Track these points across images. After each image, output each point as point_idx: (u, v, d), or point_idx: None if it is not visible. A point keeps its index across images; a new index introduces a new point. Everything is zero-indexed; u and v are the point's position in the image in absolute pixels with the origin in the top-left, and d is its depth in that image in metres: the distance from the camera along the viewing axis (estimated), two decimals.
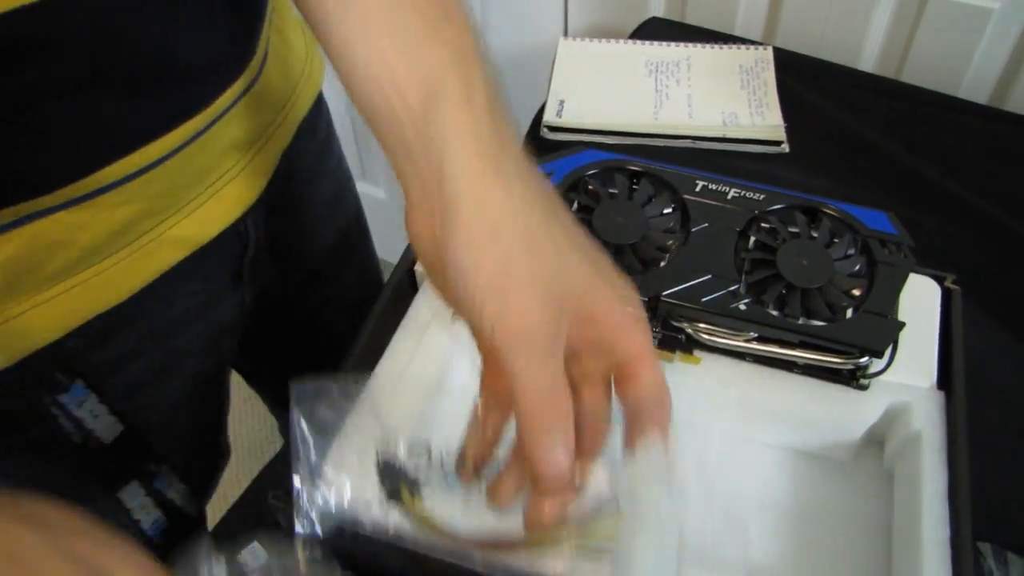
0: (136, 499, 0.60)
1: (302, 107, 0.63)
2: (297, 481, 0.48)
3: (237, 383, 0.89)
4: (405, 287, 0.61)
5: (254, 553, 0.54)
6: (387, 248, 1.77)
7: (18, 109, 0.41)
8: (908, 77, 0.91)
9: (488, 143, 0.39)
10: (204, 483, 0.70)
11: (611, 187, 0.58)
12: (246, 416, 1.49)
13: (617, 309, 0.39)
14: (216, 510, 0.65)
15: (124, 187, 0.48)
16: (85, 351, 0.53)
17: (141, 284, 0.53)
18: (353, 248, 0.77)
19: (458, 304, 0.38)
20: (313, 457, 0.48)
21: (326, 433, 0.49)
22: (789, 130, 0.82)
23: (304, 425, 0.47)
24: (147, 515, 0.61)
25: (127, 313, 0.53)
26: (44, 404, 0.53)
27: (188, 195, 0.53)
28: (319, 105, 0.67)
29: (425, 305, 0.58)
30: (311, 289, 0.74)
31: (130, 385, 0.57)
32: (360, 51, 0.40)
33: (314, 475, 0.48)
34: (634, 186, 0.59)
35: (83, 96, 0.43)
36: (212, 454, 0.72)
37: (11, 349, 0.49)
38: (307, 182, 0.67)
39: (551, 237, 0.39)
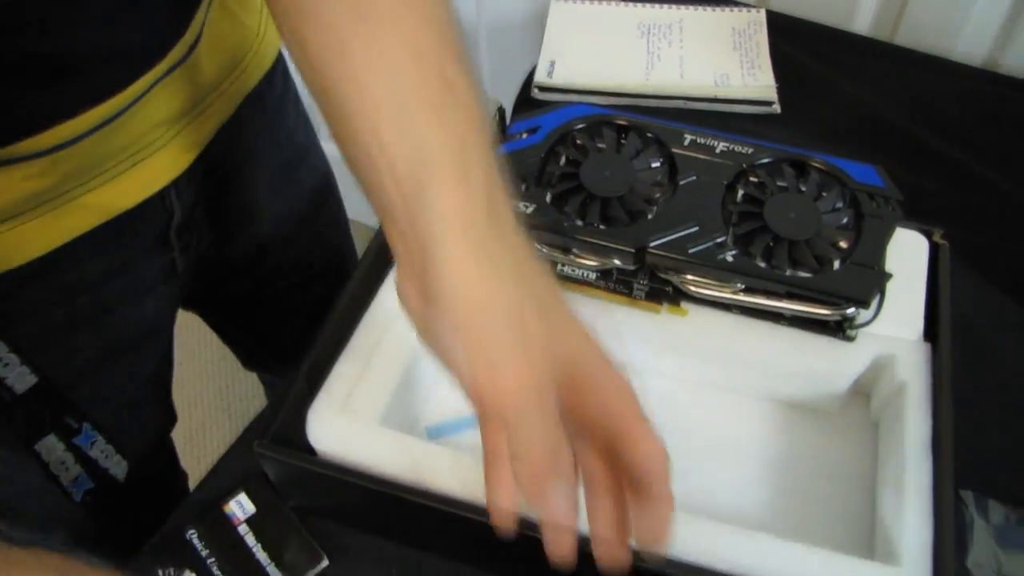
0: (54, 453, 0.58)
1: (246, 82, 0.61)
2: None
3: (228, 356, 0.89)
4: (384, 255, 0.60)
5: (240, 504, 0.54)
6: (363, 211, 1.76)
7: None
8: (902, 40, 0.90)
9: (480, 228, 0.39)
10: (142, 446, 0.67)
11: (599, 141, 0.58)
12: (238, 383, 1.49)
13: (610, 369, 0.41)
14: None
15: (33, 162, 0.46)
16: None
17: (52, 246, 0.52)
18: (310, 218, 0.75)
19: (450, 370, 0.40)
20: None
21: None
22: (781, 93, 0.82)
23: None
24: (67, 471, 0.60)
25: (38, 269, 0.52)
26: None
27: (106, 165, 0.51)
28: (270, 79, 0.65)
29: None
30: (258, 257, 0.72)
31: (42, 335, 0.56)
32: (357, 118, 0.41)
33: None
34: (622, 140, 0.58)
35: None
36: (150, 416, 0.69)
37: None
38: (251, 153, 0.66)
39: (539, 310, 0.39)
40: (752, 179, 0.57)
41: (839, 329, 0.53)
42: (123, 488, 0.62)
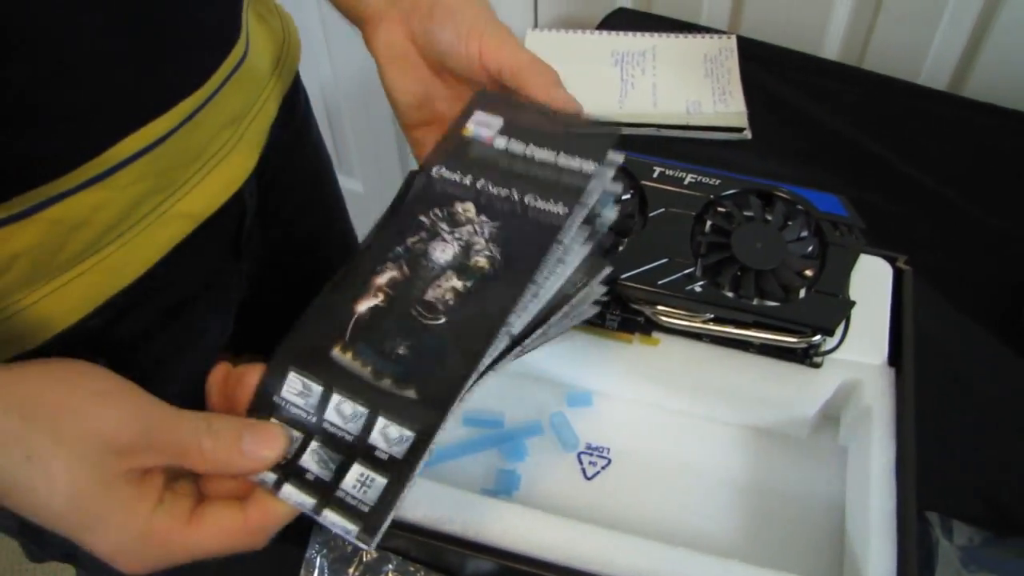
0: None
1: (283, 83, 0.66)
2: None
3: None
4: None
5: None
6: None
7: (33, 89, 0.43)
8: (870, 65, 0.92)
9: None
10: None
11: None
12: None
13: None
14: None
15: (135, 164, 0.49)
16: (105, 330, 0.54)
17: (152, 260, 0.55)
18: (333, 224, 0.80)
19: (447, 56, 0.51)
20: None
21: None
22: (752, 117, 0.83)
23: None
24: None
25: (142, 290, 0.55)
26: None
27: (191, 170, 0.55)
28: (296, 83, 0.70)
29: None
30: (297, 264, 0.75)
31: (151, 363, 0.59)
32: None
33: None
34: None
35: (93, 74, 0.45)
36: None
37: (34, 334, 0.51)
38: (291, 156, 0.70)
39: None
40: (719, 209, 0.58)
41: (806, 356, 0.55)
42: None
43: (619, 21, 0.99)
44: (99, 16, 0.44)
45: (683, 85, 0.87)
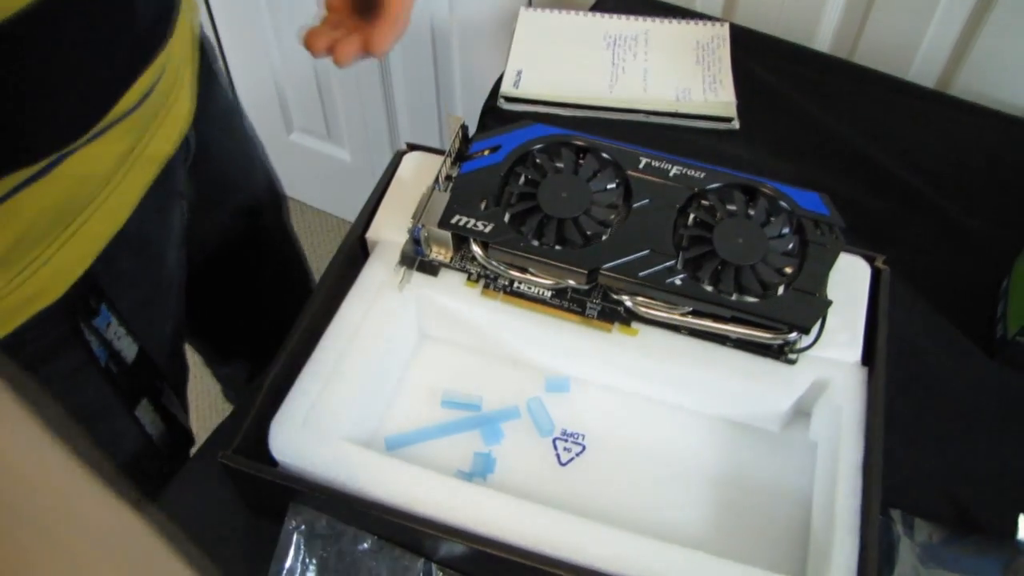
0: (147, 415, 0.66)
1: (195, 22, 0.68)
2: None
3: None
4: (356, 253, 0.62)
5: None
6: (352, 209, 1.78)
7: (55, 67, 0.47)
8: (860, 59, 0.93)
9: None
10: (182, 395, 0.76)
11: (557, 161, 0.60)
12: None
13: None
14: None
15: (130, 116, 0.54)
16: (103, 275, 0.57)
17: (134, 204, 0.58)
18: (253, 160, 0.82)
19: None
20: None
21: None
22: (741, 107, 0.84)
23: None
24: (156, 429, 0.68)
25: (129, 233, 0.58)
26: (79, 331, 0.57)
27: (160, 115, 0.58)
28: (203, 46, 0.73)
29: (376, 271, 0.60)
30: (226, 201, 0.78)
31: (140, 304, 0.63)
32: None
33: None
34: (580, 161, 0.60)
35: (99, 52, 0.50)
36: (182, 368, 0.77)
37: (58, 283, 0.54)
38: (209, 93, 0.72)
39: None
40: (703, 203, 0.59)
41: (781, 352, 0.56)
42: (185, 434, 0.74)
43: (613, 3, 0.98)
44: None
45: (674, 71, 0.88)
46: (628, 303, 0.57)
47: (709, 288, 0.55)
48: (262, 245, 0.86)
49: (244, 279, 0.85)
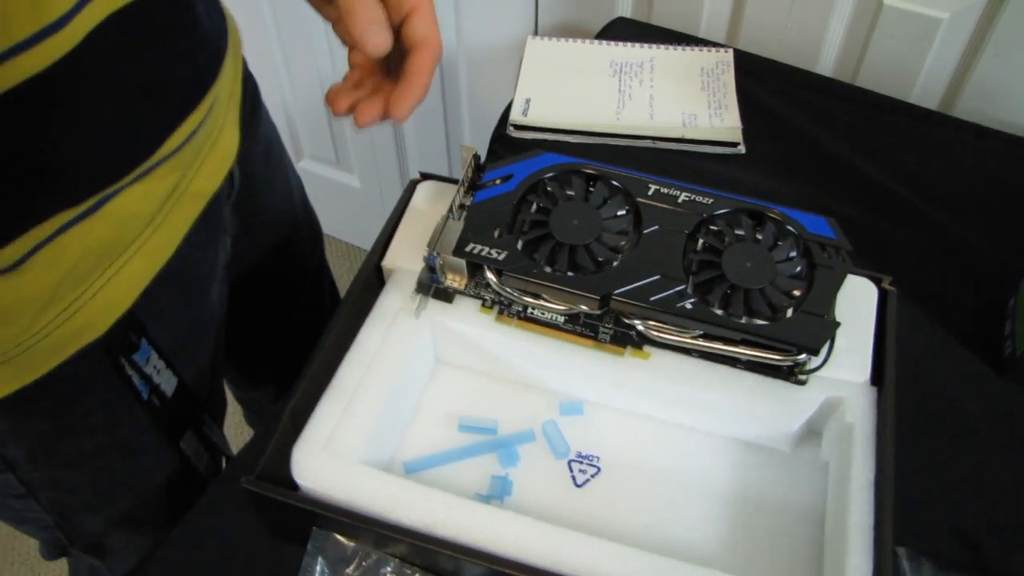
0: (192, 446, 0.68)
1: (239, 59, 0.69)
2: None
3: None
4: (373, 281, 0.63)
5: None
6: (361, 236, 1.80)
7: (104, 108, 0.49)
8: (863, 82, 0.94)
9: None
10: (221, 426, 0.77)
11: (568, 189, 0.61)
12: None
13: None
14: None
15: (173, 157, 0.55)
16: (143, 310, 0.59)
17: (177, 241, 0.60)
18: (292, 192, 0.83)
19: None
20: None
21: None
22: (747, 132, 0.85)
23: None
24: (201, 461, 0.70)
25: (172, 269, 0.60)
26: (120, 365, 0.59)
27: (204, 150, 0.60)
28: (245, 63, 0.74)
29: (392, 298, 0.61)
30: (269, 237, 0.80)
31: (180, 339, 0.65)
32: None
33: None
34: (590, 188, 0.62)
35: (149, 94, 0.52)
36: (222, 400, 0.79)
37: (102, 320, 0.56)
38: (253, 129, 0.73)
39: None
40: (712, 228, 0.60)
41: (791, 373, 0.57)
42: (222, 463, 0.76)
43: (618, 31, 1.00)
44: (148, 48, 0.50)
45: (680, 97, 0.89)
46: (640, 327, 0.58)
47: (719, 312, 0.56)
48: (300, 278, 0.87)
49: (281, 311, 0.86)
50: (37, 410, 0.58)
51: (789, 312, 0.56)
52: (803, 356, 0.56)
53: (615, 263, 0.58)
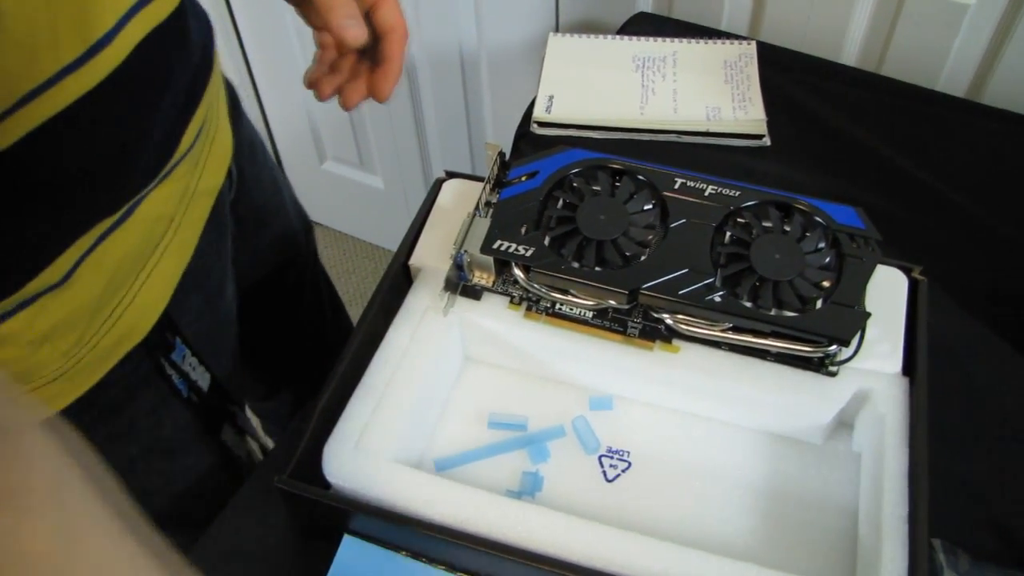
0: (231, 438, 0.70)
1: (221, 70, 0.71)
2: None
3: None
4: (401, 280, 0.64)
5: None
6: (386, 236, 1.80)
7: (144, 114, 0.51)
8: (888, 71, 0.93)
9: None
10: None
11: (594, 185, 0.61)
12: None
13: None
14: None
15: (188, 155, 0.57)
16: (174, 310, 0.61)
17: (196, 239, 0.61)
18: (281, 190, 0.84)
19: None
20: None
21: None
22: (771, 123, 0.85)
23: None
24: (242, 450, 0.72)
25: (193, 267, 0.61)
26: (160, 365, 0.61)
27: (206, 151, 0.61)
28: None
29: (420, 296, 0.61)
30: (260, 233, 0.80)
31: (206, 335, 0.66)
32: None
33: None
34: (616, 183, 0.62)
35: (171, 92, 0.54)
36: (243, 397, 0.81)
37: (142, 323, 0.58)
38: (237, 127, 0.74)
39: None
40: (739, 220, 0.60)
41: (822, 365, 0.57)
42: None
43: (640, 26, 1.00)
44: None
45: (703, 91, 0.89)
46: (669, 321, 0.58)
47: (748, 304, 0.56)
48: (298, 270, 0.88)
49: (285, 306, 0.88)
50: (87, 420, 0.59)
51: (819, 303, 0.56)
52: (834, 347, 0.56)
53: (643, 257, 0.58)
